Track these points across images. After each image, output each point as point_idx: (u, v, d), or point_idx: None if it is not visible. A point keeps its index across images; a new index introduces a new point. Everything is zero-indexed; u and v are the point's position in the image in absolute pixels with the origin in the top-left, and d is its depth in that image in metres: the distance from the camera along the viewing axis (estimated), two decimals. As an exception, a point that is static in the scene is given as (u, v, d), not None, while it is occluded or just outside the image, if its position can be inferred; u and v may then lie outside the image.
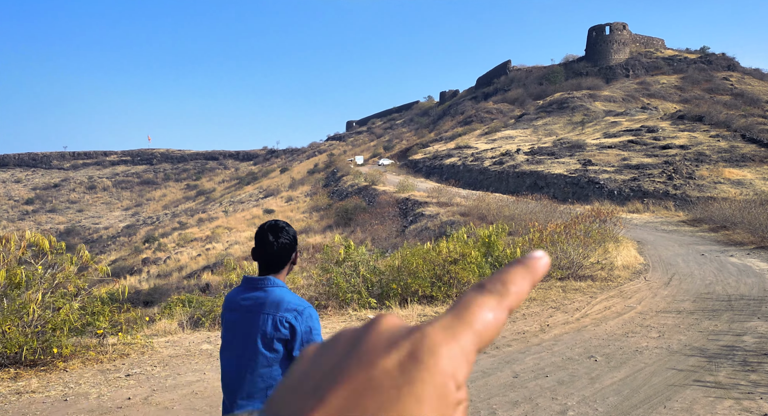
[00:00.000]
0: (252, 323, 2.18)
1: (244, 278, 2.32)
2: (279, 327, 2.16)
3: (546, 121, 55.52)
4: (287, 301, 2.20)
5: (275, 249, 2.25)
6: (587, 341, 7.01)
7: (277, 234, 2.26)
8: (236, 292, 2.31)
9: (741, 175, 30.78)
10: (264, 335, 2.15)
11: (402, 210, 35.00)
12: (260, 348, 2.15)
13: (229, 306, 2.30)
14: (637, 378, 5.43)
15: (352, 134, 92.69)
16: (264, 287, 2.24)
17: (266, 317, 2.16)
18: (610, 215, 20.14)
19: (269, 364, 2.16)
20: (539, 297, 9.95)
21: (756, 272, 11.98)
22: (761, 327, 7.40)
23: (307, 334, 2.18)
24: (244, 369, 2.19)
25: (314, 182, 57.59)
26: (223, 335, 2.33)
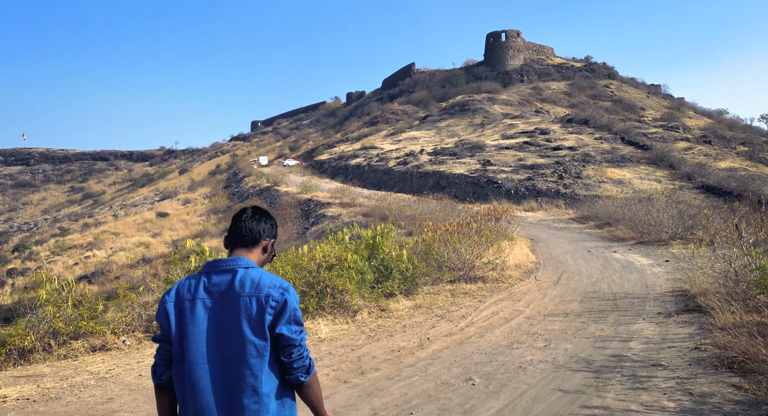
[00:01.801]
0: (230, 310, 1.86)
1: (208, 263, 2.00)
2: (266, 308, 1.86)
3: (449, 122, 56.40)
4: (269, 279, 1.93)
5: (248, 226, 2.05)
6: (468, 357, 6.06)
7: (256, 213, 2.11)
8: (196, 280, 1.95)
9: (621, 174, 32.61)
10: (250, 319, 1.84)
11: (304, 212, 33.62)
12: (249, 335, 1.82)
13: (189, 296, 1.91)
14: (517, 407, 4.49)
15: (257, 134, 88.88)
16: (236, 267, 1.95)
17: (249, 299, 1.86)
18: (505, 213, 20.05)
19: (259, 354, 1.84)
20: (425, 304, 9.00)
21: (638, 268, 11.95)
22: (647, 330, 6.89)
23: (295, 311, 1.93)
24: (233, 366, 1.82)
25: (215, 184, 54.24)
26: (174, 338, 1.90)
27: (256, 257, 2.07)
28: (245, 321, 1.85)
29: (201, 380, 1.84)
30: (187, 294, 1.93)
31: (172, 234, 36.75)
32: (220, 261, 1.99)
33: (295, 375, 1.93)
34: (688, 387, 4.70)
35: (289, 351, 1.91)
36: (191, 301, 1.91)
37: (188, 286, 1.96)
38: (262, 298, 1.88)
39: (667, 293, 9.09)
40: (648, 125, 43.50)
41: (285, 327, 1.89)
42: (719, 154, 35.62)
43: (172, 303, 1.94)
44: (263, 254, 2.11)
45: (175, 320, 1.92)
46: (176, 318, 1.92)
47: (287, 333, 1.89)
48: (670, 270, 11.36)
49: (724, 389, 4.54)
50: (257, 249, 2.08)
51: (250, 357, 1.83)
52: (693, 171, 30.93)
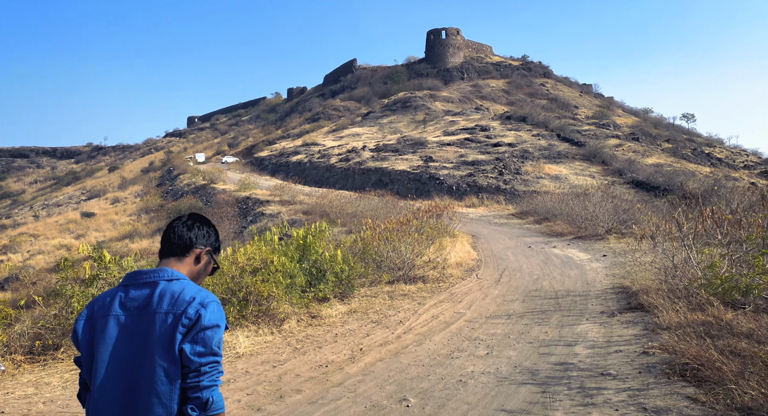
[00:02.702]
0: (145, 328, 1.61)
1: (128, 274, 1.74)
2: (178, 327, 1.60)
3: (391, 119, 56.07)
4: (190, 293, 1.67)
5: (178, 232, 1.83)
6: (404, 371, 5.40)
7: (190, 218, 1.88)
8: (112, 294, 1.71)
9: (558, 170, 33.30)
10: (162, 340, 1.59)
11: (242, 210, 32.23)
12: (159, 359, 1.56)
13: (103, 313, 1.68)
14: (457, 435, 3.86)
15: (194, 130, 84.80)
16: (158, 279, 1.70)
17: (166, 316, 1.61)
18: (447, 210, 19.71)
19: (170, 380, 1.57)
20: (361, 309, 8.29)
21: (577, 264, 11.79)
22: (591, 331, 6.50)
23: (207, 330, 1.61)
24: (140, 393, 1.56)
25: (147, 181, 51.31)
26: (84, 360, 1.67)
27: (186, 268, 1.82)
28: (158, 341, 1.60)
29: (103, 409, 1.59)
30: (100, 311, 1.70)
31: (97, 235, 34.20)
32: (140, 272, 1.75)
33: (186, 407, 1.61)
34: (641, 400, 4.24)
35: (186, 374, 1.61)
36: (104, 318, 1.67)
37: (102, 302, 1.72)
38: (178, 315, 1.62)
39: (608, 290, 8.85)
40: (582, 123, 44.88)
41: (188, 345, 1.62)
42: (646, 151, 37.17)
43: (83, 321, 1.71)
44: (196, 265, 1.86)
45: (83, 340, 1.68)
46: (86, 337, 1.68)
47: (188, 352, 1.61)
48: (608, 265, 11.24)
49: (680, 402, 4.10)
50: (188, 258, 1.84)
51: (160, 384, 1.57)
52: (623, 167, 32.01)
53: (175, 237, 1.85)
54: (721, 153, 41.56)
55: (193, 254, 1.86)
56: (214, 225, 1.98)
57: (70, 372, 5.55)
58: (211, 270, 1.94)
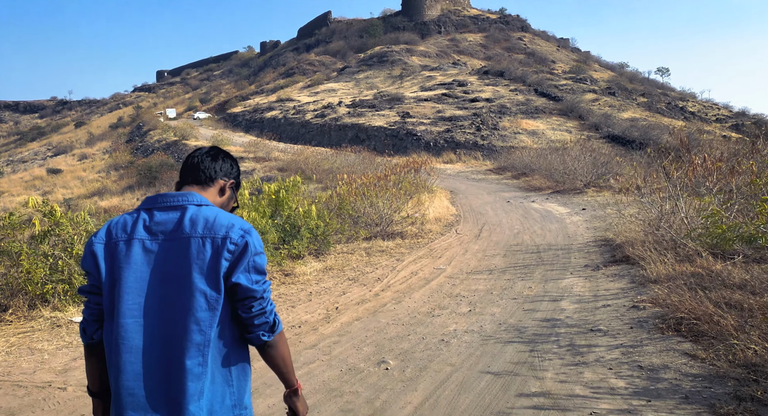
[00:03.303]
0: (177, 254, 1.46)
1: (149, 198, 1.57)
2: (222, 252, 1.46)
3: (367, 74, 54.50)
4: (226, 218, 1.53)
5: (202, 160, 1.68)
6: (382, 330, 5.02)
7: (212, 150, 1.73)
8: (133, 217, 1.54)
9: (535, 125, 32.92)
10: (202, 265, 1.44)
11: (216, 167, 30.97)
12: (199, 283, 1.43)
13: (125, 236, 1.50)
14: (440, 401, 3.50)
15: (164, 85, 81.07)
16: (187, 204, 1.54)
17: (202, 241, 1.46)
18: (425, 165, 19.22)
19: (210, 307, 1.44)
20: (337, 266, 7.86)
21: (557, 217, 11.53)
22: (576, 286, 6.20)
23: (258, 257, 1.52)
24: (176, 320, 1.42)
25: (116, 138, 49.30)
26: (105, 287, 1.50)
27: (211, 197, 1.66)
28: (196, 266, 1.44)
29: (133, 337, 1.42)
30: (121, 234, 1.51)
31: (65, 192, 32.82)
32: (165, 195, 1.56)
33: (256, 334, 1.53)
34: (636, 358, 3.93)
35: (249, 304, 1.50)
36: (127, 242, 1.49)
37: (123, 225, 1.53)
38: (219, 240, 1.47)
39: (591, 243, 8.59)
40: (559, 77, 44.26)
41: (244, 276, 1.49)
42: (622, 105, 36.96)
43: (102, 245, 1.52)
44: (220, 196, 1.70)
45: (105, 264, 1.49)
46: (107, 262, 1.50)
47: (246, 282, 1.48)
48: (588, 219, 11.00)
49: (677, 359, 3.80)
50: (212, 188, 1.68)
51: (199, 310, 1.42)
52: (600, 121, 31.79)
53: (199, 163, 1.69)
54: (693, 107, 41.69)
55: (218, 185, 1.70)
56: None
57: (17, 336, 5.02)
58: (231, 208, 1.78)
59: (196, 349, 1.43)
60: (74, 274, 6.01)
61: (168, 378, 1.43)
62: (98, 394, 1.65)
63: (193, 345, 1.43)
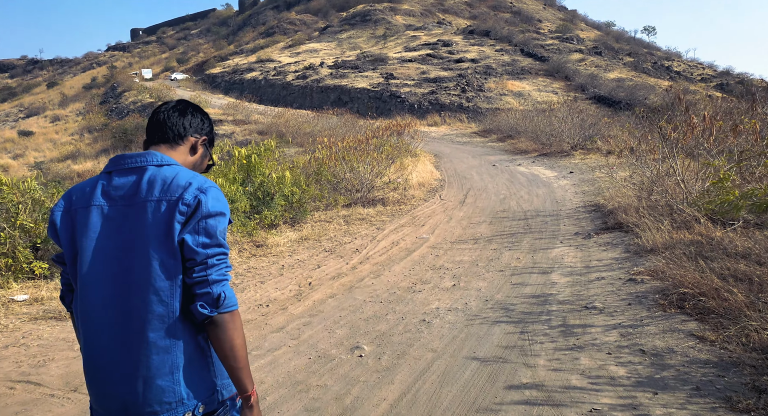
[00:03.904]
0: (134, 219, 1.36)
1: (111, 160, 1.45)
2: (175, 215, 1.34)
3: (350, 34, 52.61)
4: (185, 177, 1.39)
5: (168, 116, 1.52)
6: (358, 309, 4.55)
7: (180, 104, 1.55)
8: (92, 183, 1.43)
9: (521, 86, 32.12)
10: (157, 230, 1.33)
11: (193, 131, 29.95)
12: (155, 252, 1.32)
13: (83, 203, 1.40)
14: (419, 395, 3.06)
15: (139, 44, 77.46)
16: (146, 164, 1.41)
17: (158, 204, 1.35)
18: (408, 127, 18.52)
19: (169, 275, 1.33)
20: (314, 235, 7.34)
21: (544, 181, 11.07)
22: (567, 256, 5.78)
23: (209, 218, 1.35)
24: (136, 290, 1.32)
25: (90, 99, 47.31)
26: (67, 256, 1.41)
27: (180, 158, 1.49)
28: (151, 232, 1.32)
29: (94, 309, 1.33)
30: (80, 201, 1.40)
31: (37, 155, 31.51)
32: (125, 156, 1.42)
33: (194, 305, 1.32)
34: (637, 340, 3.52)
35: (190, 268, 1.33)
36: (85, 209, 1.38)
37: (82, 191, 1.41)
38: (173, 202, 1.33)
39: (580, 208, 8.16)
40: (545, 37, 43.08)
41: (189, 236, 1.34)
42: (608, 65, 36.19)
43: (60, 212, 1.41)
44: (191, 155, 1.52)
45: (64, 234, 1.39)
46: (66, 231, 1.39)
47: (190, 243, 1.33)
48: (576, 182, 10.56)
49: (683, 342, 3.40)
50: (182, 147, 1.50)
51: (158, 280, 1.30)
52: (586, 82, 31.10)
53: (165, 120, 1.51)
54: (679, 66, 41.08)
55: (188, 143, 1.53)
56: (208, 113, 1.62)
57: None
58: (206, 167, 1.62)
59: (159, 321, 1.32)
60: (18, 247, 5.42)
61: (132, 351, 1.32)
62: None
63: (155, 317, 1.31)
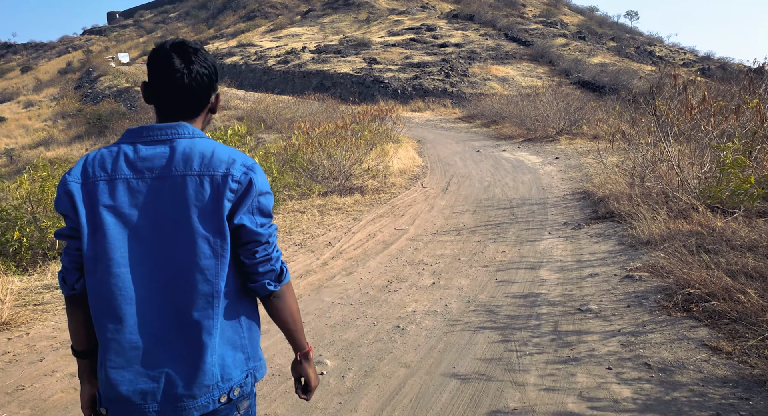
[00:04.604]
0: (171, 195, 1.22)
1: (130, 130, 1.29)
2: (224, 191, 1.22)
3: (333, 18, 51.40)
4: (225, 152, 1.27)
5: (187, 81, 1.28)
6: (325, 314, 4.01)
7: (189, 57, 1.28)
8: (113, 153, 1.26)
9: (505, 71, 31.56)
10: (202, 207, 1.21)
11: (171, 117, 28.99)
12: (199, 228, 1.21)
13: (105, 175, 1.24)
14: (388, 428, 2.54)
15: (116, 28, 74.87)
16: (175, 137, 1.26)
17: (200, 179, 1.22)
18: (391, 113, 17.89)
19: (216, 254, 1.22)
20: (284, 227, 6.76)
21: (529, 167, 10.59)
22: (556, 249, 5.29)
23: (263, 197, 1.28)
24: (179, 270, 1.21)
25: (65, 84, 45.71)
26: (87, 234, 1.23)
27: (200, 124, 1.35)
28: (195, 209, 1.21)
29: (130, 288, 1.21)
30: (100, 173, 1.23)
31: (8, 141, 30.26)
32: (151, 127, 1.27)
33: (261, 283, 1.29)
34: (641, 351, 3.04)
35: (253, 249, 1.28)
36: (109, 182, 1.22)
37: (101, 161, 1.24)
38: (219, 178, 1.22)
39: (568, 196, 7.68)
40: (529, 21, 42.46)
41: (247, 217, 1.26)
42: (592, 50, 35.77)
43: (78, 185, 1.23)
44: (207, 115, 1.37)
45: (84, 207, 1.22)
46: (86, 204, 1.23)
47: (250, 225, 1.26)
48: (563, 169, 10.09)
49: (694, 354, 2.92)
50: (203, 113, 1.34)
51: (203, 258, 1.21)
52: (570, 67, 30.66)
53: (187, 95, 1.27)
54: (661, 51, 40.84)
55: (209, 105, 1.34)
56: None
57: None
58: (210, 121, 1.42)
59: (204, 300, 1.21)
60: None
61: (176, 331, 1.21)
62: (85, 353, 1.37)
63: (200, 296, 1.21)
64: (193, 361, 1.21)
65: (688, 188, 5.52)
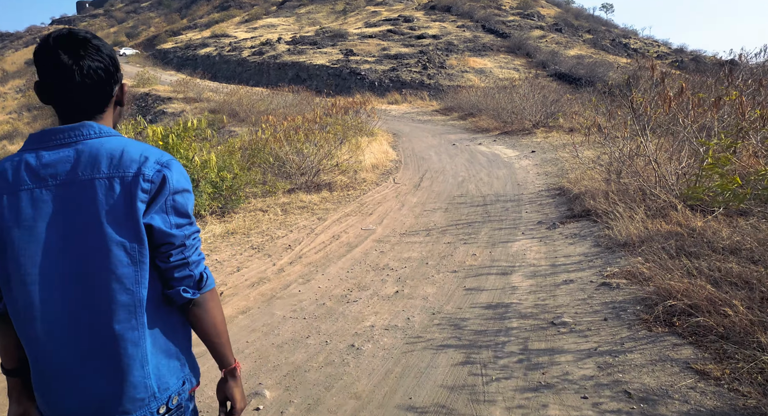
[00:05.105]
0: (79, 201, 1.12)
1: (33, 136, 1.18)
2: (136, 192, 1.13)
3: (309, 8, 50.45)
4: (137, 149, 1.17)
5: (79, 79, 1.15)
6: (273, 330, 3.58)
7: (78, 51, 1.14)
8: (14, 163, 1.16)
9: (483, 63, 31.27)
10: (114, 211, 1.12)
11: (141, 108, 28.27)
12: (115, 236, 1.12)
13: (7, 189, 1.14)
14: (326, 483, 2.13)
15: (86, 18, 72.34)
16: (80, 139, 1.16)
17: (109, 182, 1.13)
18: (365, 105, 17.41)
19: (133, 260, 1.14)
20: (243, 229, 6.28)
21: (505, 162, 10.26)
22: (530, 251, 4.94)
23: (178, 195, 1.18)
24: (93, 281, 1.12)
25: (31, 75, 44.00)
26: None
27: (110, 119, 1.22)
28: (106, 214, 1.11)
29: (47, 304, 1.12)
30: (2, 186, 1.13)
31: (-31, 137, 28.89)
32: (54, 131, 1.15)
33: (175, 290, 1.20)
34: (619, 375, 2.68)
35: (166, 252, 1.18)
36: (12, 196, 1.13)
37: (2, 174, 1.13)
38: (129, 178, 1.12)
39: (543, 192, 7.36)
40: (506, 13, 42.21)
41: (159, 217, 1.16)
42: (569, 42, 35.70)
43: None
44: (116, 109, 1.25)
45: None
46: None
47: (162, 225, 1.16)
48: (539, 163, 9.79)
49: (679, 379, 2.58)
50: (109, 108, 1.21)
51: (120, 266, 1.12)
52: (547, 59, 30.50)
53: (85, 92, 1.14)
54: (636, 44, 41.02)
55: (114, 98, 1.21)
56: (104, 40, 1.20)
57: None
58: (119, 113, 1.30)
59: (125, 311, 1.13)
60: None
61: (99, 346, 1.12)
62: (15, 371, 1.28)
63: (120, 307, 1.12)
64: (120, 376, 1.13)
65: (666, 185, 5.22)
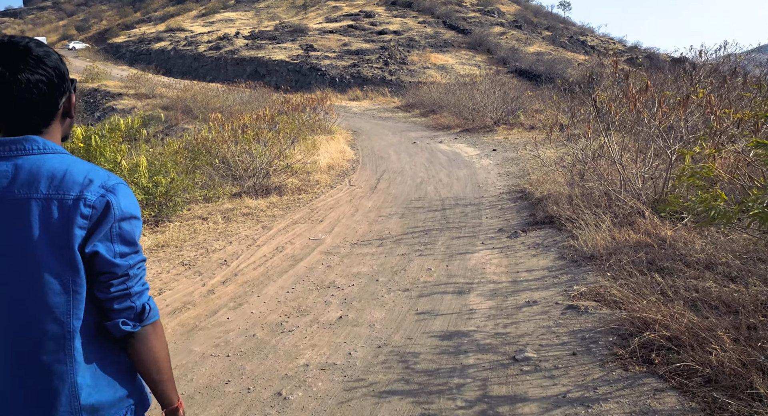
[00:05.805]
0: (11, 223, 1.03)
1: None
2: (74, 218, 1.04)
3: (268, 3, 49.14)
4: (80, 171, 1.07)
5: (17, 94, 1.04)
6: (187, 373, 2.97)
7: (16, 64, 1.04)
8: None
9: (444, 59, 30.99)
10: (49, 235, 1.03)
11: (89, 104, 26.86)
12: (47, 262, 1.02)
13: None
14: None
15: (33, 10, 68.45)
16: (21, 153, 1.06)
17: (46, 204, 1.03)
18: (323, 102, 16.74)
19: (66, 289, 1.04)
20: (176, 240, 5.59)
21: (466, 161, 9.84)
22: (489, 265, 4.47)
23: (124, 222, 1.09)
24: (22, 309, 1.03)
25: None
26: None
27: (56, 134, 1.11)
28: (40, 238, 1.02)
29: None
30: None
31: None
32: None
33: (114, 322, 1.10)
34: (594, 432, 2.22)
35: (107, 282, 1.09)
36: None
37: None
38: (69, 202, 1.03)
39: (504, 195, 6.95)
40: (467, 9, 42.13)
41: (103, 245, 1.07)
42: (528, 39, 35.87)
43: None
44: (62, 123, 1.14)
45: None
46: None
47: (105, 253, 1.07)
48: (500, 162, 9.41)
49: (664, 438, 2.13)
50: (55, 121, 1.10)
51: (51, 295, 1.02)
52: (507, 55, 30.50)
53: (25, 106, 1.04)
54: (593, 41, 41.69)
55: (61, 110, 1.10)
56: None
57: None
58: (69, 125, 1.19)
59: (54, 343, 1.04)
60: None
61: (24, 377, 1.03)
62: None
63: (48, 339, 1.03)
64: (47, 412, 1.03)
65: (633, 189, 4.86)
